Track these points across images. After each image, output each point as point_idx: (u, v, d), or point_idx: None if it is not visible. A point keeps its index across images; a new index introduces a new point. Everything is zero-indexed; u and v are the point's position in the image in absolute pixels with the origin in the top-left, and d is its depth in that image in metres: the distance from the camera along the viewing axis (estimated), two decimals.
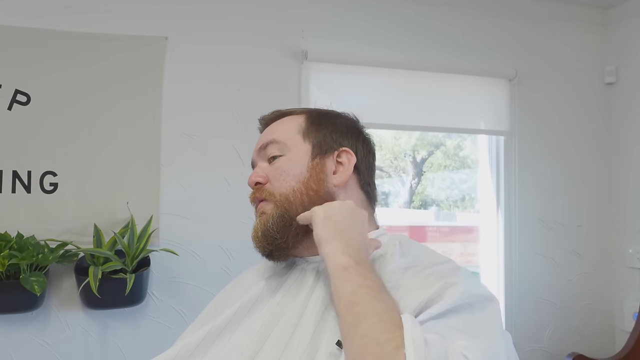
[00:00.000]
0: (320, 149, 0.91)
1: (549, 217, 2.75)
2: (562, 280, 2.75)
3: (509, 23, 2.75)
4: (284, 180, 0.89)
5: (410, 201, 3.94)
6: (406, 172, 3.95)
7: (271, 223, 0.87)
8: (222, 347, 0.85)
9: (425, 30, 2.62)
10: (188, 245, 2.25)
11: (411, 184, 4.04)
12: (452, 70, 2.63)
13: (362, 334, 0.67)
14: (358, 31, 2.51)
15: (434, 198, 3.75)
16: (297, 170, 0.90)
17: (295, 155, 0.91)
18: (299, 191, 0.88)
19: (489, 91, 2.72)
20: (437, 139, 3.49)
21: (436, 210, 4.72)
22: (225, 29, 2.35)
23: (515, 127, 2.71)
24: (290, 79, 2.40)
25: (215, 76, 2.33)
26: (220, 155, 2.31)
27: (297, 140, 0.92)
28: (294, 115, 0.98)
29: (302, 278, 0.89)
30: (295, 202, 0.88)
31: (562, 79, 2.82)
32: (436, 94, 2.63)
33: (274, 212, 0.88)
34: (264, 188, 0.91)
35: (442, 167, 3.70)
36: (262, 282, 0.92)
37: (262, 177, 0.92)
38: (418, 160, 5.26)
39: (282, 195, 0.89)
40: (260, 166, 0.95)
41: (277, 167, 0.91)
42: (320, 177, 0.89)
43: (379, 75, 2.53)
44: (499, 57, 2.72)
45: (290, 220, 0.87)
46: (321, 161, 0.90)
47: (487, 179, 2.82)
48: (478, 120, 2.74)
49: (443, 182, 3.78)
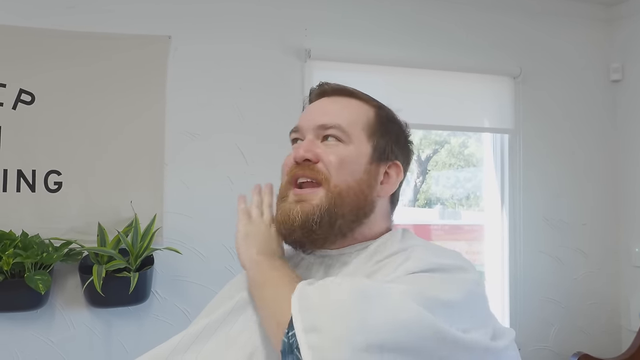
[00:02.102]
0: (379, 155, 0.86)
1: (554, 216, 2.74)
2: (567, 279, 2.74)
3: (513, 20, 2.74)
4: (342, 170, 0.82)
5: (415, 199, 3.93)
6: (410, 171, 3.94)
7: (317, 216, 0.81)
8: (222, 338, 0.85)
9: (429, 28, 2.61)
10: (191, 244, 2.25)
11: (416, 183, 4.03)
12: (456, 68, 2.62)
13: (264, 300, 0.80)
14: (361, 29, 2.51)
15: (439, 196, 3.73)
16: (356, 167, 0.84)
17: (356, 150, 0.85)
18: (352, 190, 0.83)
19: (493, 89, 2.71)
20: (441, 137, 3.48)
21: (441, 209, 4.70)
22: (228, 28, 2.35)
23: (520, 125, 2.70)
24: (293, 77, 2.40)
25: (218, 75, 2.33)
26: (223, 154, 2.32)
27: (361, 135, 0.86)
28: (362, 102, 0.90)
29: (308, 274, 0.88)
30: (346, 200, 0.82)
31: (567, 76, 2.81)
32: (440, 92, 2.62)
33: (322, 204, 0.81)
34: (317, 168, 0.83)
35: (447, 166, 3.69)
36: None
37: (313, 155, 0.83)
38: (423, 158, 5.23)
39: (336, 187, 0.82)
40: (311, 141, 0.85)
41: (337, 152, 0.83)
42: (372, 183, 0.85)
43: (382, 73, 2.52)
44: (503, 54, 2.71)
45: (336, 218, 0.82)
46: (376, 168, 0.86)
47: (491, 177, 2.81)
48: (482, 118, 2.72)
49: (448, 181, 3.77)
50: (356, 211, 0.84)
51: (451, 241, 4.92)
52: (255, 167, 2.30)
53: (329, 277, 0.85)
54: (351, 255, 0.87)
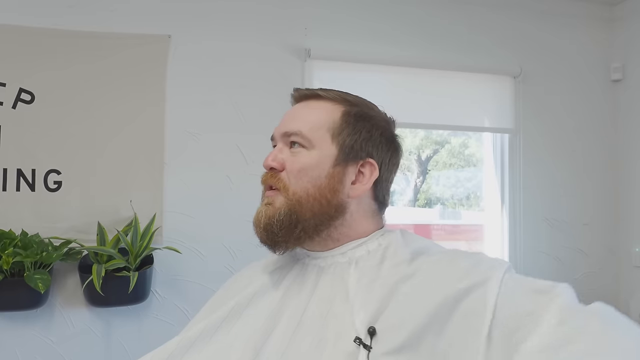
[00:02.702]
0: (346, 155, 0.86)
1: (554, 216, 2.73)
2: (567, 279, 2.70)
3: (514, 19, 2.73)
4: (300, 179, 0.85)
5: (415, 199, 3.92)
6: (411, 171, 3.94)
7: (276, 219, 0.84)
8: (221, 341, 0.85)
9: (429, 27, 2.61)
10: (191, 243, 2.25)
11: (416, 183, 4.02)
12: (456, 68, 2.62)
13: None
14: (361, 29, 2.50)
15: (439, 196, 3.72)
16: (316, 173, 0.85)
17: (318, 155, 0.85)
18: (312, 196, 0.84)
19: (494, 88, 2.71)
20: (442, 137, 3.47)
21: (441, 209, 4.69)
22: (228, 27, 2.35)
23: (520, 124, 2.70)
24: (294, 77, 2.40)
25: (218, 74, 2.33)
26: (223, 153, 2.31)
27: (324, 138, 0.86)
28: (331, 102, 0.89)
29: (304, 274, 0.88)
30: (306, 206, 0.84)
31: (568, 76, 2.80)
32: (440, 91, 2.62)
33: (282, 209, 0.84)
34: (279, 177, 0.86)
35: (447, 166, 3.68)
36: (265, 277, 0.91)
37: (278, 164, 0.86)
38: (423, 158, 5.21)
39: (295, 195, 0.84)
40: (280, 149, 0.88)
41: (296, 160, 0.86)
42: (336, 187, 0.85)
43: (382, 72, 2.52)
44: (504, 54, 2.70)
45: (296, 222, 0.84)
46: (342, 169, 0.85)
47: (491, 177, 2.80)
48: (482, 118, 2.72)
49: (448, 181, 3.76)
50: (319, 215, 0.84)
51: (451, 241, 4.92)
52: (254, 166, 2.30)
53: (322, 278, 0.86)
54: (345, 255, 0.86)
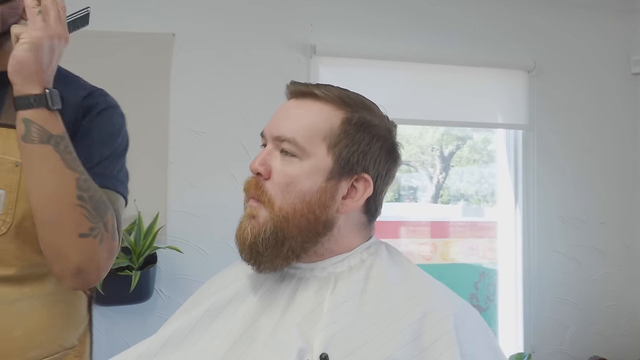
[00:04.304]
0: (341, 169, 0.78)
1: (570, 214, 2.65)
2: (583, 279, 2.65)
3: (527, 11, 2.65)
4: (288, 193, 0.77)
5: (438, 196, 3.86)
6: (433, 167, 3.88)
7: (262, 238, 0.78)
8: (190, 347, 0.82)
9: (438, 21, 2.55)
10: (196, 242, 2.24)
11: (438, 179, 3.97)
12: (467, 63, 2.56)
13: None
14: (368, 24, 2.46)
15: (463, 193, 3.66)
16: (307, 187, 0.77)
17: (311, 167, 0.78)
18: (299, 212, 0.77)
19: (507, 84, 2.64)
20: (464, 132, 3.41)
21: (464, 205, 4.61)
22: (232, 25, 2.33)
23: (534, 120, 2.62)
24: (299, 73, 2.37)
25: (223, 72, 2.31)
26: (227, 152, 2.30)
27: (320, 148, 0.78)
28: (330, 106, 0.80)
29: (280, 284, 0.83)
30: (292, 222, 0.77)
31: (584, 69, 2.71)
32: (451, 87, 2.56)
33: (267, 226, 0.78)
34: (264, 189, 0.79)
35: (471, 161, 3.62)
36: (245, 279, 0.87)
37: (265, 170, 0.79)
38: (445, 154, 5.12)
39: (281, 210, 0.77)
40: (269, 151, 0.81)
41: (286, 171, 0.78)
42: (327, 202, 0.78)
43: (391, 68, 2.47)
44: (517, 47, 2.63)
45: (283, 240, 0.77)
46: (335, 184, 0.78)
47: (505, 174, 2.74)
48: (495, 113, 2.65)
49: (472, 177, 3.69)
50: (306, 232, 0.78)
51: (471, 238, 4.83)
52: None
53: (299, 291, 0.81)
54: (325, 270, 0.81)
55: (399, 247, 3.85)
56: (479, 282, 4.70)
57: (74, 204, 0.86)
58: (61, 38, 0.88)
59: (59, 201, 0.86)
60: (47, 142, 0.85)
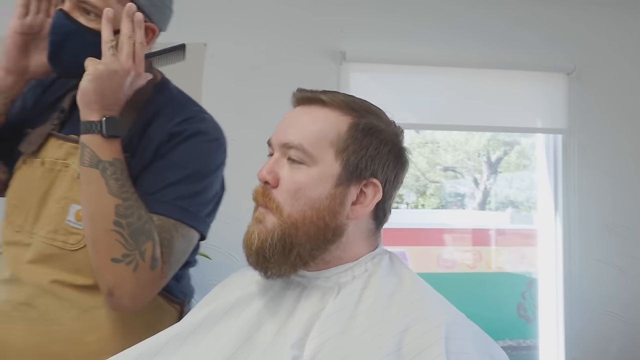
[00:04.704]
0: (349, 175, 0.78)
1: (613, 221, 2.55)
2: (629, 290, 2.53)
3: (565, 12, 2.57)
4: (297, 200, 0.77)
5: (485, 203, 3.78)
6: (480, 173, 3.81)
7: (269, 244, 0.77)
8: (190, 350, 0.82)
9: (471, 24, 2.50)
10: (227, 249, 2.26)
11: (485, 185, 3.89)
12: (502, 66, 2.51)
13: None
14: (399, 29, 2.44)
15: (513, 199, 3.57)
16: (316, 194, 0.77)
17: (320, 173, 0.78)
18: (309, 219, 0.77)
19: (545, 87, 2.57)
20: (511, 137, 3.34)
21: (512, 213, 4.46)
22: (262, 33, 2.35)
23: (575, 125, 2.54)
24: (329, 80, 2.37)
25: (253, 81, 2.34)
26: (258, 159, 2.28)
27: (328, 154, 0.78)
28: (337, 111, 0.80)
29: (286, 291, 0.83)
30: (301, 229, 0.77)
31: (626, 71, 2.61)
32: (486, 91, 2.52)
33: (275, 232, 0.77)
34: (272, 196, 0.79)
35: (520, 167, 3.54)
36: (253, 285, 0.87)
37: (273, 179, 0.79)
38: (493, 160, 4.99)
39: (290, 217, 0.77)
40: (277, 160, 0.81)
41: (295, 178, 0.78)
42: (336, 209, 0.78)
43: (423, 73, 2.44)
44: (556, 50, 2.55)
45: (291, 247, 0.77)
46: (344, 190, 0.78)
47: (544, 181, 2.65)
48: (534, 118, 2.59)
49: (522, 183, 3.60)
50: (315, 240, 0.77)
51: (516, 246, 4.68)
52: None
53: (302, 300, 0.80)
54: (330, 279, 0.80)
55: (442, 255, 3.76)
56: (526, 291, 4.53)
57: (109, 228, 0.90)
58: (129, 72, 0.94)
59: (97, 224, 0.91)
60: (96, 167, 0.92)
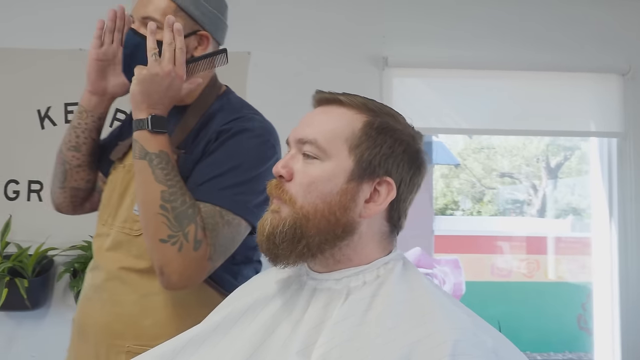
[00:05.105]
0: (362, 171, 0.79)
1: None
2: None
3: (618, 9, 2.47)
4: (310, 193, 0.79)
5: (544, 209, 3.66)
6: (539, 178, 3.70)
7: (279, 230, 0.79)
8: (208, 352, 0.84)
9: (517, 27, 2.44)
10: None
11: (544, 191, 3.77)
12: (553, 68, 2.44)
13: None
14: (441, 33, 2.41)
15: (575, 206, 3.45)
16: (328, 188, 0.79)
17: (332, 168, 0.80)
18: (320, 212, 0.79)
19: (599, 89, 2.48)
20: (571, 142, 3.23)
21: (574, 220, 4.26)
22: (305, 41, 2.38)
23: (630, 127, 2.43)
24: (371, 86, 2.36)
25: (296, 88, 2.36)
26: None
27: (341, 150, 0.80)
28: (352, 110, 0.82)
29: (299, 294, 0.84)
30: (312, 222, 0.79)
31: None
32: (535, 94, 2.45)
33: (287, 220, 0.80)
34: (286, 189, 0.81)
35: (582, 172, 3.41)
36: (273, 286, 0.88)
37: (287, 173, 0.81)
38: (552, 165, 4.78)
39: (302, 209, 0.79)
40: (292, 155, 0.83)
41: (308, 172, 0.81)
42: (348, 204, 0.79)
43: (467, 77, 2.41)
44: (609, 50, 2.45)
45: (300, 237, 0.79)
46: (357, 186, 0.79)
47: (599, 186, 2.54)
48: (587, 121, 2.49)
49: (584, 189, 3.47)
50: (325, 233, 0.78)
51: (576, 255, 4.47)
52: None
53: (313, 301, 0.81)
54: (340, 282, 0.80)
55: (497, 264, 3.67)
56: (587, 303, 4.31)
57: (156, 212, 1.01)
58: (169, 74, 1.06)
59: (146, 208, 1.03)
60: (144, 158, 1.04)
